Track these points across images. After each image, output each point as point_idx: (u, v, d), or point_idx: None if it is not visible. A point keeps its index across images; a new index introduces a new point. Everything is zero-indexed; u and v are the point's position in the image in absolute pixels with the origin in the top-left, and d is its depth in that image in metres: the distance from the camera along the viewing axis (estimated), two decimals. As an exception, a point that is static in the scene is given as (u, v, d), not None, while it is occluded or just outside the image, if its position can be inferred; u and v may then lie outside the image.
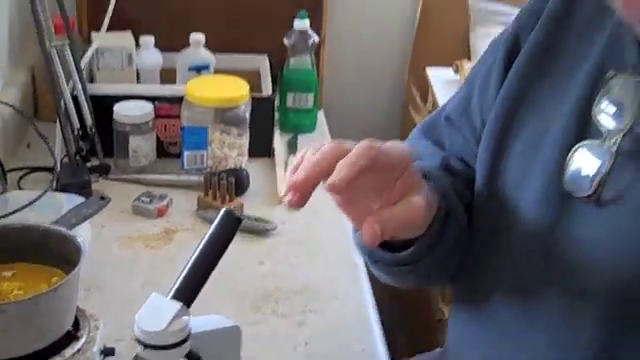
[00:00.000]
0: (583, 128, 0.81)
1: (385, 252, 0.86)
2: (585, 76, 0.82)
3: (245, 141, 1.57)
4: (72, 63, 1.49)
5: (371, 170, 0.72)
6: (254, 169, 1.58)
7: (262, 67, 1.80)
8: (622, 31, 0.79)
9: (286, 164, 1.62)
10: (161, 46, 1.76)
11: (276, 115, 1.75)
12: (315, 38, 1.76)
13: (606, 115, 0.79)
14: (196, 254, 0.80)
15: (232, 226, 0.80)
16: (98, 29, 1.63)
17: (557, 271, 0.81)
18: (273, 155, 1.65)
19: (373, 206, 0.77)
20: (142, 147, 1.54)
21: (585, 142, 0.80)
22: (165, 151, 1.61)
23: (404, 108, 2.26)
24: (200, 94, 1.51)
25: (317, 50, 1.83)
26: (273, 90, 1.71)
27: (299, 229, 1.42)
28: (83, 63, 1.55)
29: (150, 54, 1.75)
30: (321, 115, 1.91)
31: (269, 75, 1.76)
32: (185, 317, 0.78)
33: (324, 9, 1.86)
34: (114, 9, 1.63)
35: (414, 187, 0.78)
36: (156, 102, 1.57)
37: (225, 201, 1.43)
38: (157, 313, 0.77)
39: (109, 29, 1.65)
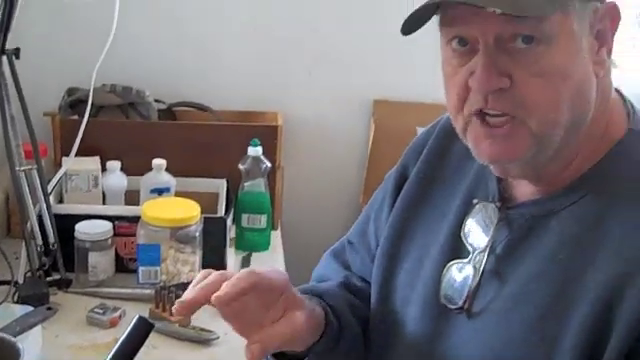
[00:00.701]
0: (455, 249, 0.94)
1: None
2: (458, 203, 0.96)
3: (197, 258, 1.70)
4: (39, 185, 1.63)
5: (254, 291, 0.86)
6: (206, 284, 1.69)
7: (220, 190, 1.95)
8: (485, 166, 0.94)
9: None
10: (126, 170, 1.92)
11: (233, 234, 1.89)
12: (268, 164, 1.91)
13: (472, 237, 0.92)
14: (109, 357, 0.90)
15: (144, 331, 0.91)
16: (69, 154, 1.80)
17: None
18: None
19: (263, 322, 0.90)
20: (101, 263, 1.67)
21: (456, 261, 0.93)
22: (125, 266, 1.73)
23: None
24: (155, 214, 1.65)
25: (272, 174, 1.99)
26: (228, 211, 1.85)
27: (241, 339, 1.52)
28: (51, 185, 1.70)
29: (116, 177, 1.91)
30: (277, 234, 2.04)
31: (225, 197, 1.90)
32: None
33: (278, 137, 2.02)
34: (84, 137, 1.81)
35: (295, 305, 0.91)
36: (116, 221, 1.71)
37: (173, 313, 1.54)
38: None
39: (79, 154, 1.82)
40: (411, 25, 0.82)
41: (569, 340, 0.79)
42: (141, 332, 0.91)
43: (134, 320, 0.92)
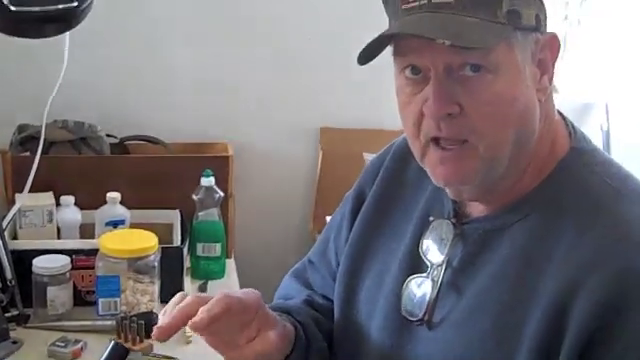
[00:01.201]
0: (414, 264, 0.99)
1: None
2: (415, 222, 1.02)
3: (156, 287, 1.72)
4: (-6, 222, 1.65)
5: (229, 313, 0.91)
6: (165, 313, 1.72)
7: (174, 220, 1.98)
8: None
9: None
10: (80, 204, 1.93)
11: (188, 263, 1.92)
12: (221, 193, 1.96)
13: (430, 252, 0.97)
14: None
15: (120, 355, 0.94)
16: (22, 191, 1.81)
17: None
18: (183, 300, 1.79)
19: (239, 341, 0.94)
20: (59, 296, 1.68)
21: (415, 275, 0.98)
22: (83, 299, 1.75)
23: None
24: (112, 246, 1.68)
25: (225, 203, 2.03)
26: (183, 240, 1.88)
27: (204, 365, 1.55)
28: (5, 222, 1.71)
29: (70, 212, 1.92)
30: (231, 263, 2.08)
31: (179, 227, 1.93)
32: None
33: (230, 167, 2.07)
34: (37, 172, 1.82)
35: (268, 324, 0.96)
36: (74, 255, 1.72)
37: (136, 342, 1.57)
38: None
39: (32, 190, 1.84)
40: (367, 56, 0.87)
41: (525, 344, 0.84)
42: (117, 357, 0.94)
43: (110, 345, 0.95)
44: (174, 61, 2.29)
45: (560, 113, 0.97)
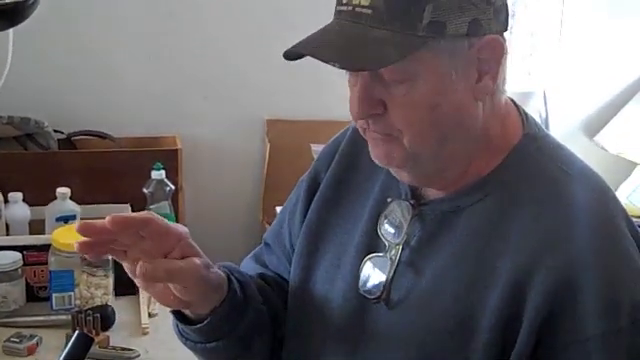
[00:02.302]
0: (372, 244, 1.01)
1: (190, 327, 0.99)
2: (372, 203, 1.04)
3: (110, 281, 1.73)
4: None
5: (149, 224, 0.89)
6: (121, 306, 1.72)
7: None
8: None
9: (149, 300, 1.77)
10: (29, 200, 1.92)
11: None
12: (171, 186, 1.97)
13: (387, 232, 1.00)
14: None
15: (84, 344, 0.94)
16: (-33, 189, 1.79)
17: None
18: (138, 293, 1.80)
19: (166, 290, 0.91)
20: (11, 293, 1.67)
21: (372, 255, 1.00)
22: (35, 295, 1.74)
23: (260, 243, 2.47)
24: (65, 241, 1.67)
25: (175, 196, 2.04)
26: (135, 234, 1.88)
27: (161, 357, 1.57)
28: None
29: (18, 208, 1.91)
30: (182, 255, 2.08)
31: (131, 221, 1.93)
32: None
33: (179, 161, 2.08)
34: (-17, 169, 1.81)
35: (193, 254, 0.93)
36: (25, 251, 1.72)
37: (92, 336, 1.57)
38: None
39: (-21, 188, 1.82)
40: (291, 56, 0.90)
41: (485, 323, 0.88)
42: (82, 346, 0.95)
43: (74, 336, 0.95)
44: (121, 56, 2.29)
45: (512, 100, 1.00)
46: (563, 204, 0.90)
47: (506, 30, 0.92)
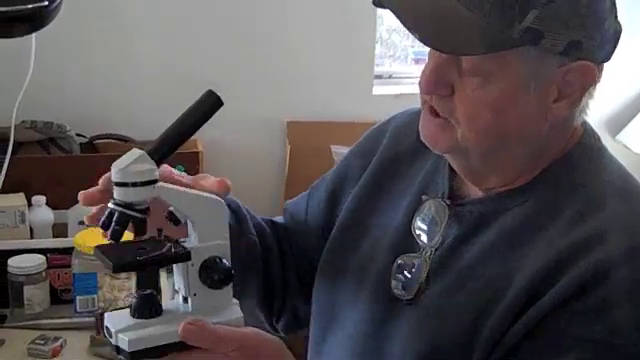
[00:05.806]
0: (406, 243, 0.98)
1: None
2: (409, 199, 1.02)
3: (133, 283, 1.74)
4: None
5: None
6: (142, 308, 1.73)
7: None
8: (440, 161, 1.00)
9: (171, 302, 1.78)
10: (52, 204, 1.94)
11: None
12: (193, 188, 1.97)
13: (422, 232, 0.98)
14: (175, 122, 0.86)
15: (212, 103, 0.86)
16: (-8, 192, 1.81)
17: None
18: (160, 293, 1.81)
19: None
20: (36, 295, 1.69)
21: (406, 255, 0.98)
22: (59, 297, 1.76)
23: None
24: (88, 243, 1.68)
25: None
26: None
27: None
28: (-22, 224, 1.71)
29: (42, 212, 1.93)
30: (205, 257, 2.09)
31: (153, 223, 1.94)
32: (149, 164, 0.80)
33: (200, 163, 2.09)
34: (7, 174, 1.82)
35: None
36: (49, 254, 1.73)
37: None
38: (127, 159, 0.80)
39: (2, 192, 1.84)
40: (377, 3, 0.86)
41: (496, 321, 0.85)
42: (208, 104, 0.86)
43: (204, 93, 0.86)
44: (141, 59, 2.30)
45: (585, 123, 0.95)
46: (601, 218, 0.86)
47: (607, 61, 0.87)
